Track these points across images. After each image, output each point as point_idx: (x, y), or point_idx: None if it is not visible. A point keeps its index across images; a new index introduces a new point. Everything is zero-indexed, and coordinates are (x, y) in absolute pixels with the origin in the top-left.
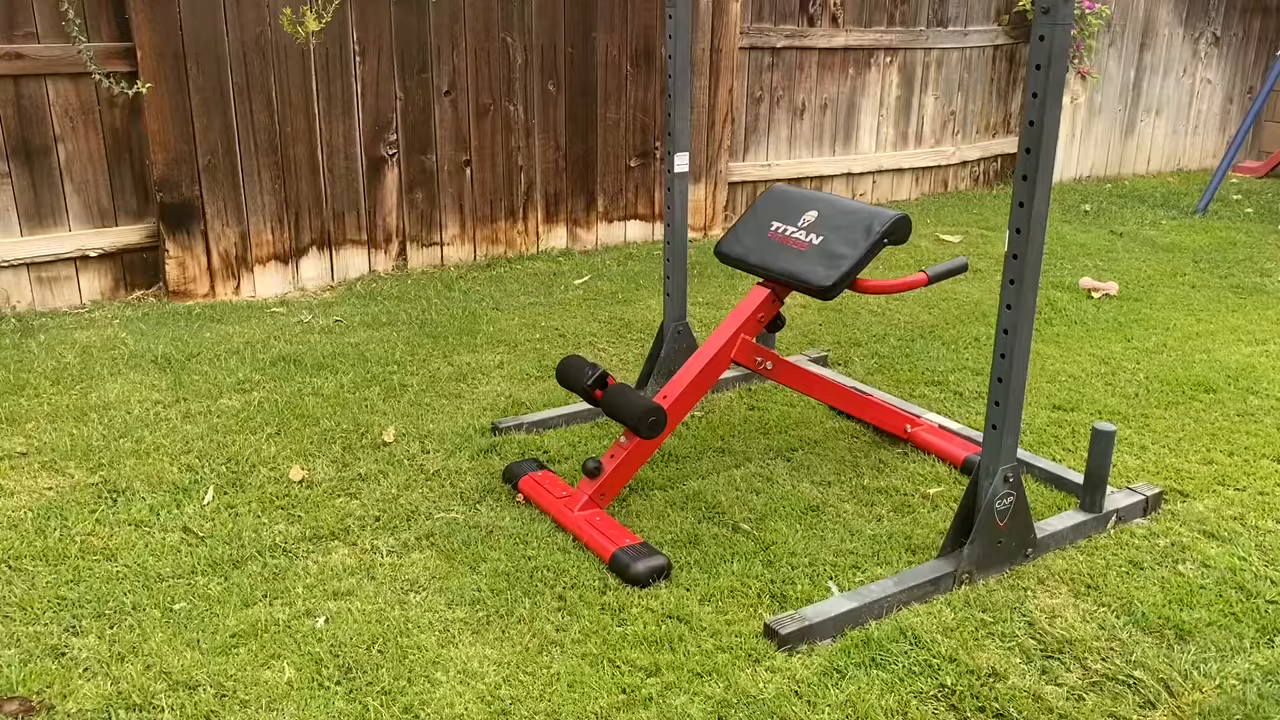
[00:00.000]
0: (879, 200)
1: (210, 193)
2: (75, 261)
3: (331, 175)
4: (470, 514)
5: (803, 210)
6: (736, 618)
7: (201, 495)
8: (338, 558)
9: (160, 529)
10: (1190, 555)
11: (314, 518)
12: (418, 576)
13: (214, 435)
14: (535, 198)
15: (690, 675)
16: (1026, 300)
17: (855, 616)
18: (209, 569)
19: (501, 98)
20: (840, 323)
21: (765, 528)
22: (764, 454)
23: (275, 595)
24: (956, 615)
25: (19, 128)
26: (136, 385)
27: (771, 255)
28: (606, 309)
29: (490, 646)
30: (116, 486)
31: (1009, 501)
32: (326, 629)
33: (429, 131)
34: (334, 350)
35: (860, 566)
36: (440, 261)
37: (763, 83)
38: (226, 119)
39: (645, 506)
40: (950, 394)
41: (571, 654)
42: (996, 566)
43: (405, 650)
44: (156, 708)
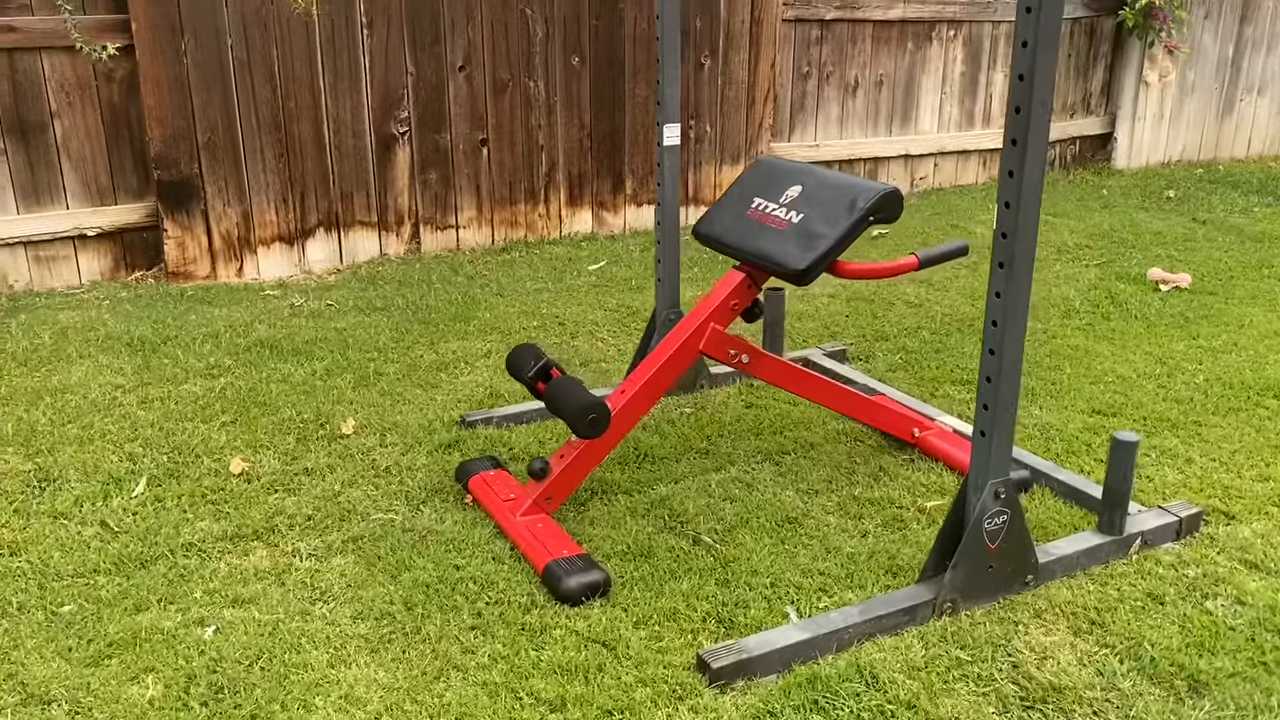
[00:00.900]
0: (941, 186)
1: (210, 171)
2: (73, 241)
3: (339, 154)
4: (410, 516)
5: (787, 185)
6: (672, 645)
7: (133, 487)
8: (253, 560)
9: (79, 523)
10: (1223, 589)
11: (242, 515)
12: (331, 585)
13: (166, 423)
14: (558, 179)
15: (598, 713)
16: (1019, 286)
17: (807, 649)
18: (113, 568)
19: (521, 73)
20: (870, 314)
21: (730, 541)
22: (750, 457)
23: (171, 600)
24: (928, 652)
25: (14, 103)
26: (102, 369)
27: (748, 235)
28: (616, 296)
29: (384, 669)
30: (49, 475)
31: (1001, 521)
32: (213, 640)
33: (443, 108)
34: (316, 335)
35: (829, 590)
36: (456, 245)
37: (810, 57)
38: (226, 94)
39: (603, 512)
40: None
41: (471, 681)
42: (987, 595)
43: (289, 669)
44: None
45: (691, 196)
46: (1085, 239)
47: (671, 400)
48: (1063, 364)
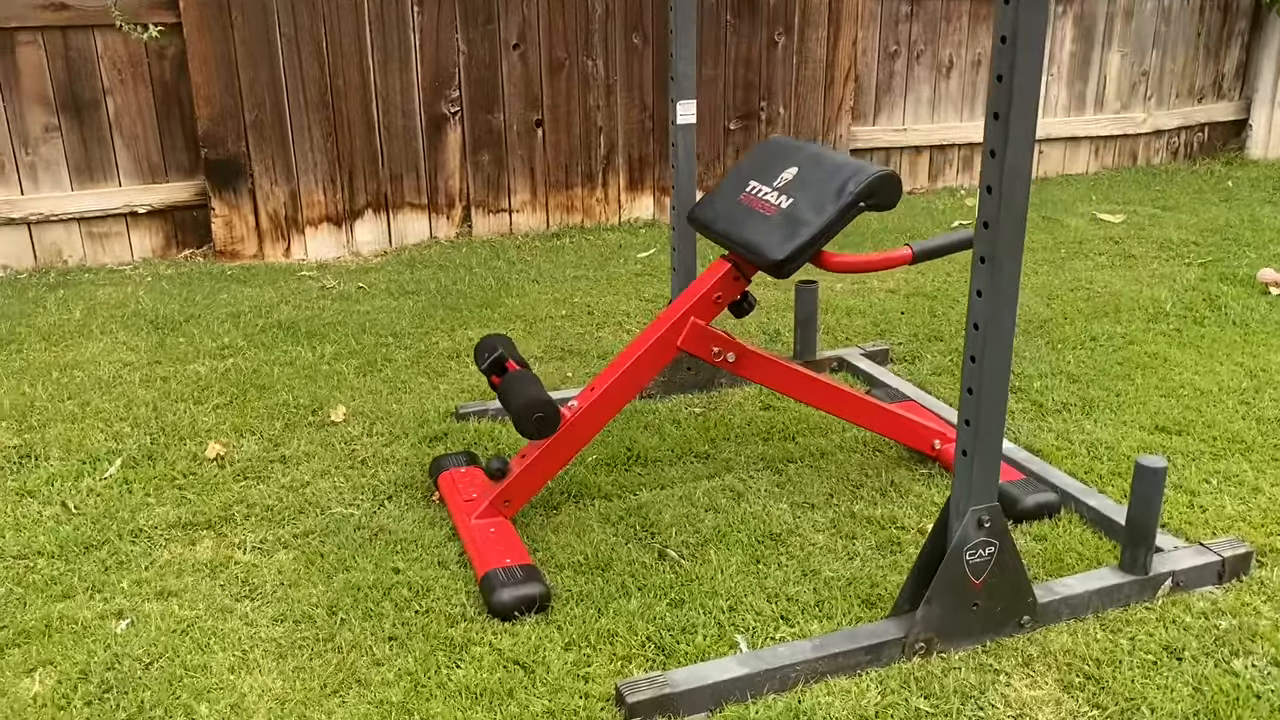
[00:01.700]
0: (1046, 175)
1: (257, 149)
2: (125, 218)
3: (388, 134)
4: (371, 512)
5: (785, 166)
6: (598, 673)
7: (107, 468)
8: (197, 550)
9: (42, 502)
10: (1260, 646)
11: (204, 501)
12: (264, 582)
13: (162, 403)
14: (617, 162)
15: None
16: (1004, 285)
17: (744, 687)
18: (56, 551)
19: (578, 52)
20: (929, 311)
21: (700, 556)
22: (751, 464)
23: (99, 589)
24: (884, 699)
25: (68, 80)
26: (118, 346)
27: (736, 221)
28: (656, 286)
29: (283, 678)
30: (31, 451)
31: (988, 554)
32: (123, 635)
33: (496, 88)
34: (337, 318)
35: (791, 618)
36: (509, 229)
37: (899, 35)
38: (274, 72)
39: (573, 518)
40: (1028, 404)
41: (368, 699)
42: (970, 637)
43: (186, 672)
44: None
45: None
46: (1194, 235)
47: (682, 398)
48: (1134, 373)
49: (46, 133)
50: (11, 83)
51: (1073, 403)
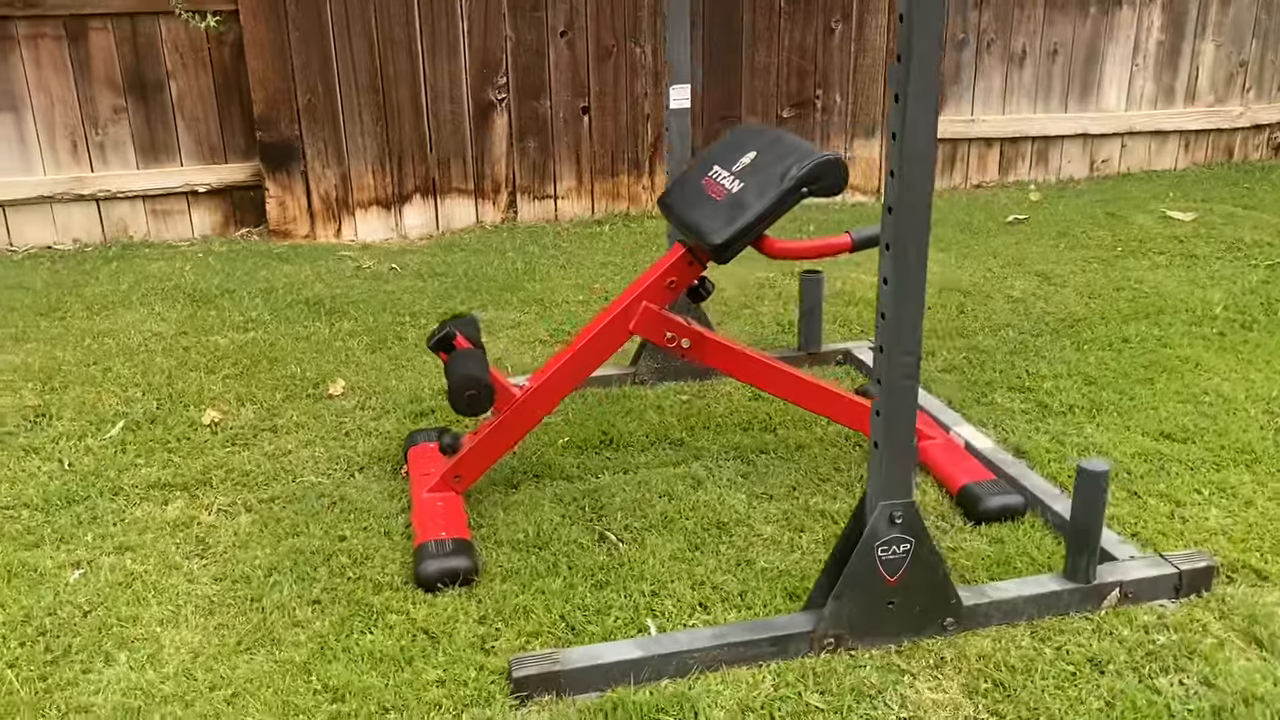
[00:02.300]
0: (1129, 170)
1: (310, 133)
2: (186, 196)
3: (436, 120)
4: (340, 481)
5: (746, 150)
6: (503, 646)
7: (110, 429)
8: (167, 510)
9: (44, 459)
10: (1194, 665)
11: (188, 465)
12: (218, 543)
13: (177, 370)
14: (663, 150)
15: (373, 709)
16: (909, 272)
17: (636, 670)
18: (40, 504)
19: (626, 38)
20: (958, 307)
21: (639, 541)
22: (723, 453)
23: (65, 540)
24: (777, 692)
25: (135, 64)
26: (152, 317)
27: (690, 205)
28: None
29: (203, 633)
30: (47, 411)
31: (902, 550)
32: (74, 584)
33: (543, 75)
34: (362, 297)
35: (709, 606)
36: (554, 215)
37: (967, 23)
38: (325, 57)
39: (529, 496)
40: (1032, 404)
41: (275, 658)
42: (886, 635)
43: (119, 621)
44: None
45: None
46: (1271, 236)
47: (673, 386)
48: (1157, 377)
49: (115, 114)
50: (83, 66)
51: (1081, 405)
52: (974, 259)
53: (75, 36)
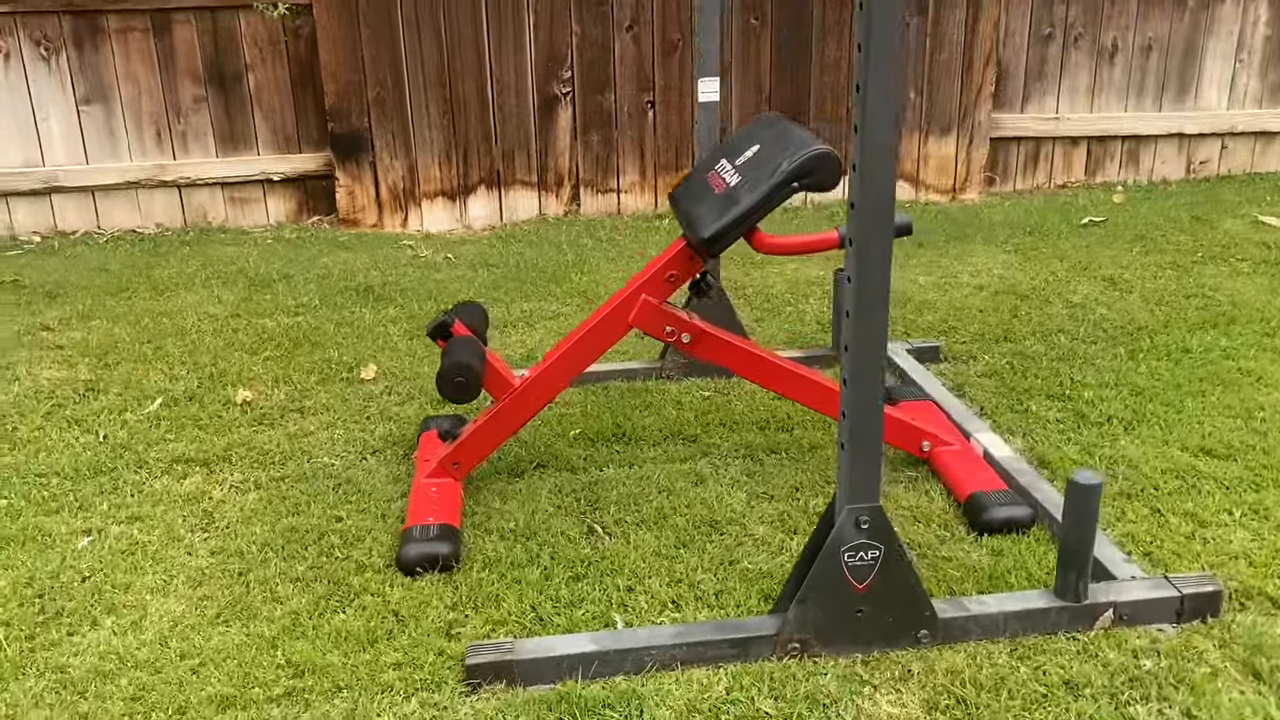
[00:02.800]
0: (1230, 172)
1: (379, 125)
2: (262, 184)
3: (501, 113)
4: (350, 464)
5: (752, 143)
6: (469, 633)
7: (150, 405)
8: (184, 484)
9: (84, 430)
10: (1178, 695)
11: (211, 441)
12: (223, 518)
13: (223, 351)
14: None
15: (328, 686)
16: (871, 270)
17: (589, 664)
18: (70, 473)
19: (692, 33)
20: (1011, 310)
21: (627, 536)
22: (732, 451)
23: (82, 508)
24: (729, 695)
25: (215, 56)
26: (211, 299)
27: (693, 199)
28: (737, 272)
29: (188, 603)
30: (97, 386)
31: (870, 557)
32: (81, 550)
33: (607, 70)
34: (411, 285)
35: (682, 604)
36: (617, 209)
37: (1054, 17)
38: (395, 51)
39: (528, 486)
40: (1069, 414)
41: (249, 630)
42: (855, 644)
43: (113, 588)
44: None
45: None
46: None
47: (697, 382)
48: (1211, 390)
49: (195, 104)
50: (167, 58)
51: (1121, 416)
52: (1039, 262)
53: (160, 29)
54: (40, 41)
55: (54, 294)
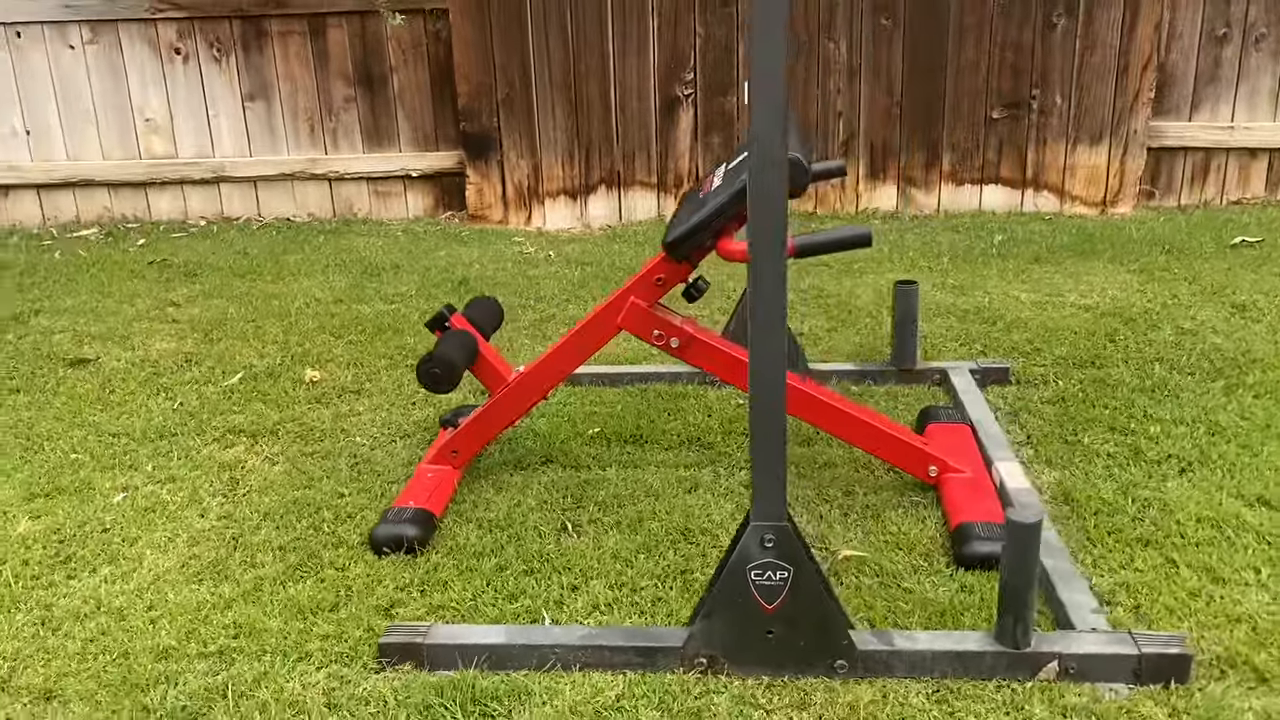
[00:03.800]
0: None
1: (507, 125)
2: (403, 180)
3: (623, 114)
4: (376, 445)
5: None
6: (404, 615)
7: (231, 379)
8: (228, 453)
9: (167, 398)
10: None
11: (267, 415)
12: (246, 485)
13: (314, 333)
14: (856, 149)
15: (249, 652)
16: (765, 281)
17: (495, 655)
18: (138, 435)
19: (820, 33)
20: (1108, 334)
21: (595, 536)
22: (744, 462)
23: (131, 467)
24: (617, 703)
25: (363, 58)
26: (323, 285)
27: (686, 204)
28: (826, 280)
29: (176, 560)
30: (194, 359)
31: (779, 578)
32: (114, 505)
33: (730, 71)
34: (505, 279)
35: (616, 608)
36: None
37: (1230, 16)
38: (524, 53)
39: (525, 479)
40: (1124, 449)
41: (212, 591)
42: (766, 666)
43: (123, 541)
44: None
45: (1030, 179)
46: None
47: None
48: None
49: (345, 103)
50: (321, 59)
51: (1183, 455)
52: (1164, 283)
53: (316, 32)
54: (213, 44)
55: (192, 273)
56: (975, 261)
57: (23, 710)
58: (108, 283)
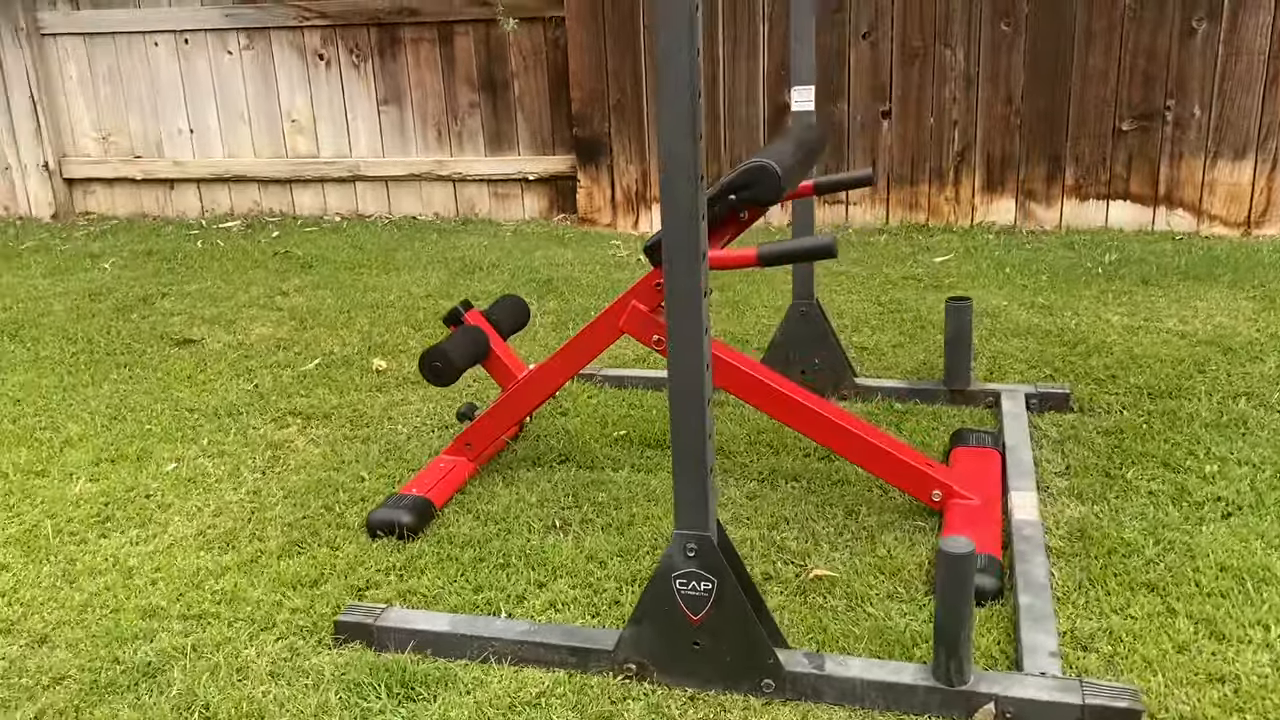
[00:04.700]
0: None
1: (617, 131)
2: (520, 183)
3: (731, 120)
4: (413, 435)
5: None
6: (378, 595)
7: (309, 364)
8: (280, 432)
9: (248, 379)
10: None
11: (329, 400)
12: (285, 464)
13: (397, 324)
14: (972, 160)
15: (224, 619)
16: (680, 286)
17: (438, 642)
18: (210, 412)
19: (935, 40)
20: (1199, 363)
21: (580, 537)
22: (755, 473)
23: (192, 440)
24: (535, 699)
25: (487, 64)
26: (421, 280)
27: None
28: (909, 295)
29: (197, 528)
30: (284, 344)
31: (704, 589)
32: (165, 472)
33: (841, 77)
34: (588, 281)
35: (569, 606)
36: (845, 219)
37: None
38: (636, 60)
39: (536, 476)
40: (1169, 487)
41: (215, 559)
42: (693, 678)
43: (157, 506)
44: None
45: (1163, 195)
46: None
47: None
48: None
49: (470, 107)
50: (448, 66)
51: (1232, 499)
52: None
53: (444, 39)
54: (353, 50)
55: (308, 265)
56: (1076, 281)
57: (17, 651)
58: (232, 271)
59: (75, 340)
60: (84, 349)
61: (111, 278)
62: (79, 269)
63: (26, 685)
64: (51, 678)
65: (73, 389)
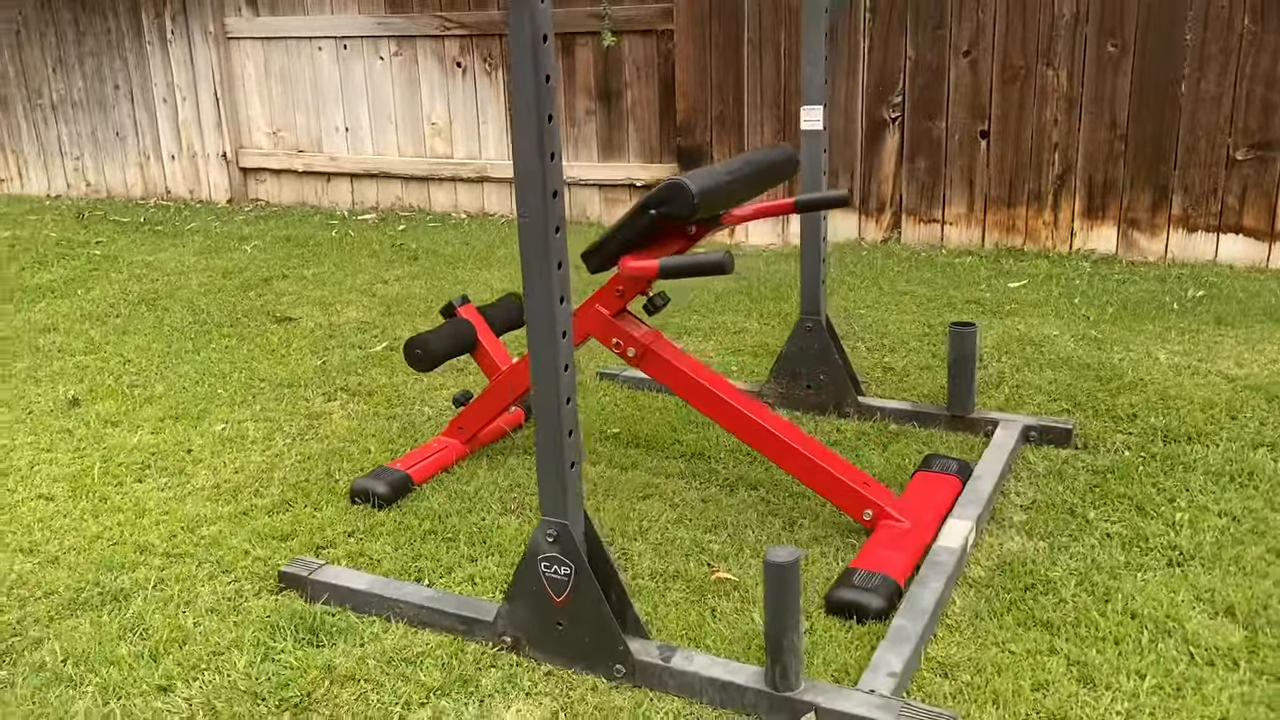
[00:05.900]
0: None
1: (718, 141)
2: (628, 188)
3: (829, 134)
4: (437, 416)
5: None
6: (328, 554)
7: (376, 346)
8: (324, 406)
9: (320, 357)
10: None
11: (379, 379)
12: (313, 432)
13: (428, 315)
14: (1072, 184)
15: (194, 559)
16: (538, 299)
17: (354, 598)
18: (278, 382)
19: (1037, 59)
20: (1232, 409)
21: (529, 520)
22: (734, 480)
23: (246, 405)
24: (412, 657)
25: (604, 74)
26: (503, 276)
27: None
28: (964, 319)
29: (215, 480)
30: (363, 328)
31: (564, 574)
32: (211, 433)
33: (940, 95)
34: (669, 285)
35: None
36: (940, 240)
37: None
38: (738, 73)
39: (523, 463)
40: (1127, 532)
41: (216, 509)
42: (559, 657)
43: (192, 461)
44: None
45: (1278, 232)
46: None
47: (792, 414)
48: None
49: (586, 115)
50: (569, 75)
51: (1188, 550)
52: None
53: (566, 50)
54: (485, 58)
55: (416, 257)
56: (1144, 315)
57: (31, 568)
58: (349, 258)
59: (198, 312)
60: (201, 320)
61: (248, 259)
62: (226, 249)
63: (22, 595)
64: (44, 591)
65: (177, 354)
